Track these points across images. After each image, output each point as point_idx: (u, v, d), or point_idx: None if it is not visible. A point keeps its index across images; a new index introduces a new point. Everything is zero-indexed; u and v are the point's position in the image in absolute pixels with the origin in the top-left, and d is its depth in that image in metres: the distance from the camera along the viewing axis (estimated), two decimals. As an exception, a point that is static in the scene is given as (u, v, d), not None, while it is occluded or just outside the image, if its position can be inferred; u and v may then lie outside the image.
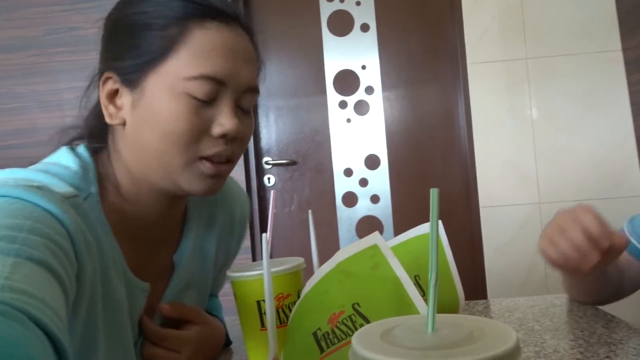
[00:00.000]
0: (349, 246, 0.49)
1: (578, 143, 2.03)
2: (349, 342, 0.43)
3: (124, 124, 0.62)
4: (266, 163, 2.23)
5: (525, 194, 2.04)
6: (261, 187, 2.23)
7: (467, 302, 0.94)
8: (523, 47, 2.05)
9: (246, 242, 2.12)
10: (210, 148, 0.61)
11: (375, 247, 0.47)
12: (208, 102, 0.60)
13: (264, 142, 2.24)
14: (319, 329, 0.46)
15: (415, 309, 0.43)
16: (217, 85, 0.60)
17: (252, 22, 0.66)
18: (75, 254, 0.50)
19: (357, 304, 0.44)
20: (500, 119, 2.06)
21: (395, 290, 0.44)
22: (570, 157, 2.03)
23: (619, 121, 2.02)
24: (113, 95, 0.62)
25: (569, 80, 2.03)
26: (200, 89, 0.59)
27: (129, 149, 0.62)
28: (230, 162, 0.64)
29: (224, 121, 0.60)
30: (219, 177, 0.63)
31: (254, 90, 0.65)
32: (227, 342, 0.83)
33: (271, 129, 2.24)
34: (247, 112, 0.65)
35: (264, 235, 0.53)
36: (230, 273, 0.64)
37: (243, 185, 2.13)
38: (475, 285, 2.09)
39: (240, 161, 2.11)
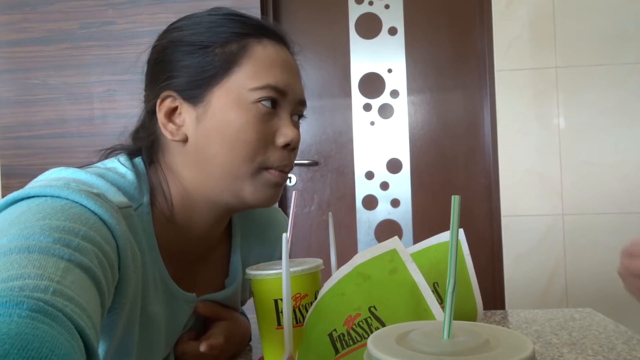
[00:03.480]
0: (368, 250, 0.49)
1: (605, 155, 1.99)
2: (364, 345, 0.43)
3: (185, 140, 0.63)
4: (288, 163, 2.23)
5: (548, 204, 2.01)
6: (282, 186, 2.23)
7: (484, 311, 0.93)
8: (553, 55, 2.01)
9: (265, 240, 2.13)
10: (277, 159, 0.64)
11: (394, 252, 0.47)
12: (272, 112, 0.63)
13: (287, 141, 2.25)
14: (335, 330, 0.47)
15: (432, 314, 0.43)
16: (279, 95, 0.64)
17: (294, 44, 0.72)
18: (119, 266, 0.51)
19: (374, 307, 0.45)
20: (526, 127, 2.03)
21: (412, 295, 0.44)
22: (597, 169, 1.99)
23: (650, 135, 1.98)
24: (171, 113, 0.64)
25: (599, 91, 2.00)
26: (266, 97, 0.62)
27: (190, 165, 0.64)
28: (288, 172, 0.67)
29: (287, 131, 0.64)
30: (280, 186, 0.66)
31: (304, 103, 0.69)
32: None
33: (294, 129, 2.25)
34: (297, 123, 0.69)
35: (284, 235, 0.54)
36: (249, 271, 0.65)
37: (264, 183, 2.14)
38: (493, 294, 2.07)
39: (263, 160, 2.13)
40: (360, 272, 0.49)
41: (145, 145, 0.67)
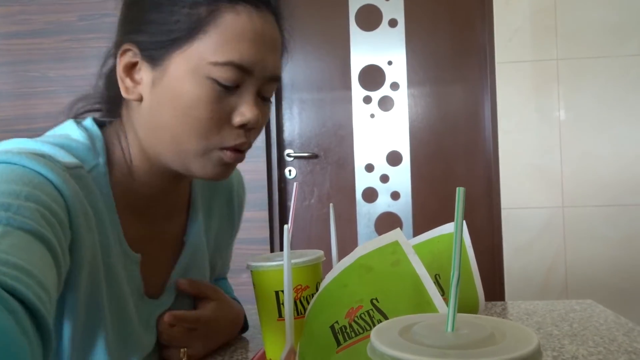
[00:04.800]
0: (370, 241, 0.49)
1: (606, 148, 1.99)
2: (366, 337, 0.43)
3: (140, 99, 0.60)
4: (288, 155, 2.23)
5: (548, 197, 2.01)
6: (282, 179, 2.24)
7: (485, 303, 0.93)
8: (554, 48, 2.01)
9: (265, 234, 2.13)
10: (232, 139, 0.60)
11: (396, 244, 0.47)
12: (231, 90, 0.58)
13: (287, 134, 2.25)
14: (337, 322, 0.47)
15: (434, 307, 0.43)
16: (243, 73, 0.58)
17: (281, 6, 0.64)
18: (70, 224, 0.50)
19: (376, 299, 0.44)
20: (527, 120, 2.02)
21: (414, 288, 0.44)
22: (597, 161, 1.99)
23: (650, 127, 1.97)
24: (131, 68, 0.60)
25: (600, 84, 1.99)
26: (225, 76, 0.57)
27: (144, 126, 0.61)
28: (245, 150, 0.63)
29: (245, 111, 0.59)
30: (233, 165, 0.62)
31: (277, 79, 0.63)
32: (245, 327, 0.83)
33: (294, 122, 2.24)
34: (267, 100, 0.64)
35: (285, 226, 0.54)
36: (250, 262, 0.65)
37: (264, 176, 2.14)
38: (493, 286, 2.07)
39: (262, 153, 2.13)
40: (363, 264, 0.48)
41: (109, 95, 0.65)
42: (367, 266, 0.47)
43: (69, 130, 0.62)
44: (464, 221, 0.59)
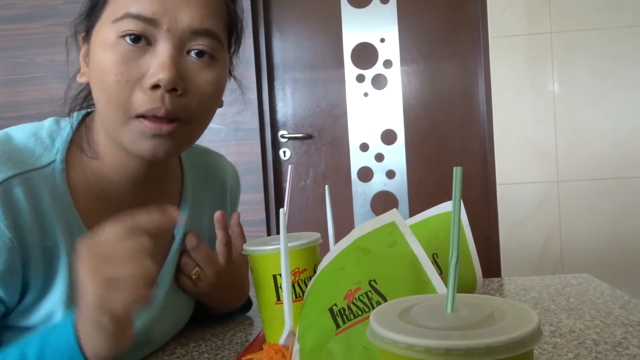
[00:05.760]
0: (367, 223, 0.49)
1: (600, 120, 1.99)
2: (365, 319, 0.43)
3: (88, 82, 0.60)
4: (282, 137, 2.22)
5: (543, 171, 2.02)
6: (276, 160, 2.23)
7: (482, 280, 0.94)
8: (548, 20, 1.99)
9: (261, 215, 2.13)
10: (144, 104, 0.54)
11: (393, 225, 0.46)
12: (141, 49, 0.54)
13: (280, 115, 2.23)
14: (335, 304, 0.46)
15: (432, 287, 0.42)
16: (148, 25, 0.54)
17: None
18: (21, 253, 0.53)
19: (374, 280, 0.44)
20: (521, 94, 2.02)
21: (412, 268, 0.44)
22: (591, 134, 1.99)
23: (644, 99, 1.97)
24: (86, 55, 0.60)
25: (594, 56, 1.98)
26: (126, 29, 0.53)
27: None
28: (183, 120, 0.57)
29: (156, 69, 0.53)
30: (165, 137, 0.56)
31: (207, 34, 0.56)
32: (248, 304, 0.83)
33: (287, 102, 2.22)
34: (203, 59, 0.57)
35: (281, 210, 0.53)
36: (247, 247, 0.65)
37: (258, 158, 2.13)
38: (489, 262, 2.09)
39: (256, 134, 2.11)
40: (360, 245, 0.48)
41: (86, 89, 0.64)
42: (364, 248, 0.47)
43: (41, 126, 0.62)
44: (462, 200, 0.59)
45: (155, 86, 0.54)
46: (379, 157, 2.20)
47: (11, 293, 0.54)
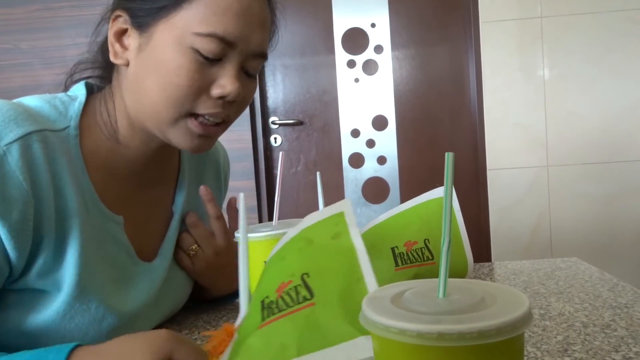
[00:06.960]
0: (319, 212, 0.44)
1: (590, 105, 2.00)
2: (288, 314, 0.39)
3: (127, 64, 0.62)
4: (273, 123, 2.21)
5: (533, 156, 2.03)
6: (268, 147, 2.22)
7: (472, 264, 0.94)
8: (538, 5, 1.98)
9: (252, 202, 2.13)
10: (207, 108, 0.61)
11: (340, 215, 0.43)
12: (213, 62, 0.60)
13: (271, 101, 2.21)
14: (267, 296, 0.42)
15: (364, 284, 0.39)
16: (226, 46, 0.59)
17: None
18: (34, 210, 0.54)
19: (307, 274, 0.41)
20: (512, 80, 2.02)
21: (349, 263, 0.41)
22: (581, 119, 2.00)
23: (635, 84, 1.98)
24: (121, 34, 0.62)
25: (585, 40, 1.98)
26: (208, 48, 0.58)
27: (129, 91, 0.63)
28: (224, 123, 0.64)
29: (225, 83, 0.60)
30: (209, 137, 0.64)
31: (263, 56, 0.64)
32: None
33: (278, 89, 2.21)
34: (252, 76, 0.65)
35: (240, 195, 0.52)
36: (237, 234, 0.64)
37: (249, 145, 2.12)
38: (479, 247, 2.10)
39: (247, 121, 2.10)
40: (305, 236, 0.44)
41: (103, 60, 0.66)
42: (309, 239, 0.43)
43: (54, 96, 0.64)
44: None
45: (221, 97, 0.61)
46: (370, 143, 2.19)
47: (21, 249, 0.54)
